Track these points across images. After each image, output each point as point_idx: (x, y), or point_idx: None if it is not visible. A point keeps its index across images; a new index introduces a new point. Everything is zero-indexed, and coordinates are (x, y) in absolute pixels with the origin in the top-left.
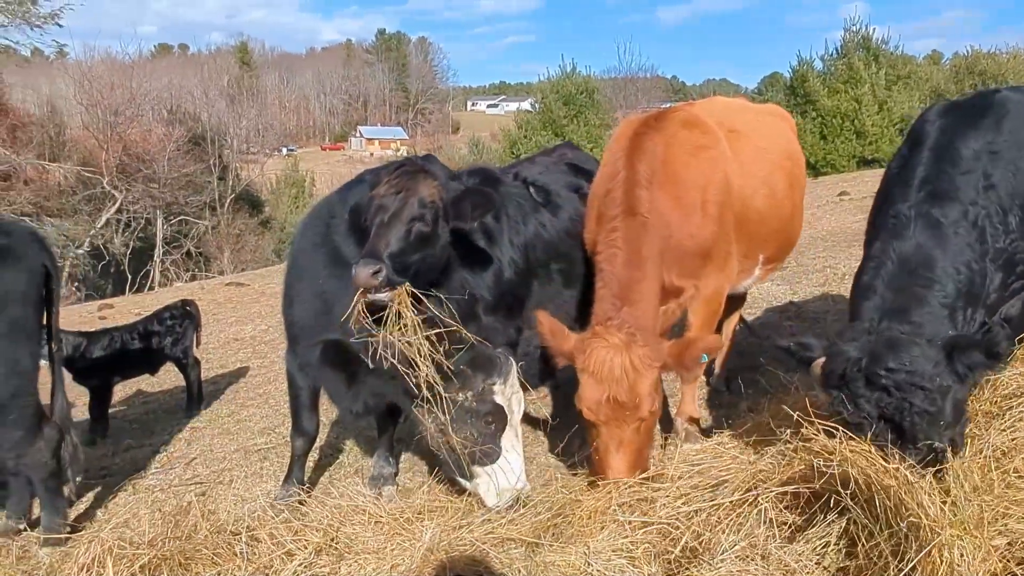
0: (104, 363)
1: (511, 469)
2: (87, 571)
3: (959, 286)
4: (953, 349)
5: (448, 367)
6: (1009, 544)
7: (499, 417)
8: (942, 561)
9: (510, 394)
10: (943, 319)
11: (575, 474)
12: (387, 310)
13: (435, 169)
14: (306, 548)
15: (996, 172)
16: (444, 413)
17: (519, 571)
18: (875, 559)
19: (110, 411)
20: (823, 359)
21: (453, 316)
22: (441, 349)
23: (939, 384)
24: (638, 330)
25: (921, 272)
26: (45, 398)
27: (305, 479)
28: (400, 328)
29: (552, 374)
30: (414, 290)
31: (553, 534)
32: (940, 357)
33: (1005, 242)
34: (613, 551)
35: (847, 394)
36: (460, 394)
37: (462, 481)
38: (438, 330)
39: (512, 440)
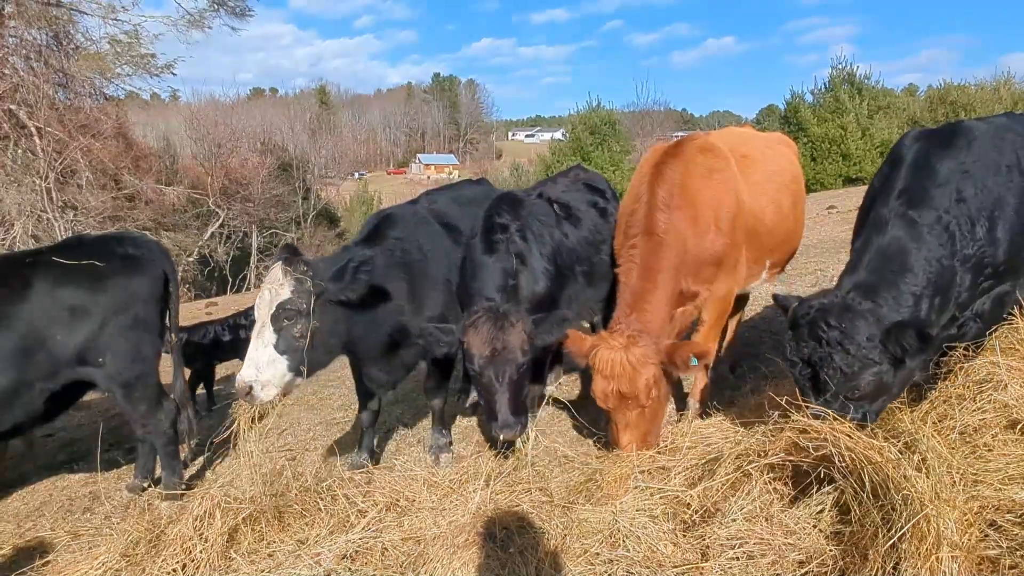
0: (203, 350)
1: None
2: (200, 521)
3: (929, 276)
4: (890, 331)
5: None
6: (981, 507)
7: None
8: (930, 531)
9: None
10: (907, 306)
11: (603, 445)
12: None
13: (512, 312)
14: (376, 506)
15: (967, 188)
16: None
17: (557, 526)
18: (867, 525)
19: (215, 389)
20: (795, 306)
21: None
22: None
23: (863, 355)
24: (642, 333)
25: (896, 259)
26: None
27: (375, 447)
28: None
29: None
30: None
31: (585, 496)
32: (877, 336)
33: (973, 248)
34: (637, 510)
35: (795, 336)
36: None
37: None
38: None
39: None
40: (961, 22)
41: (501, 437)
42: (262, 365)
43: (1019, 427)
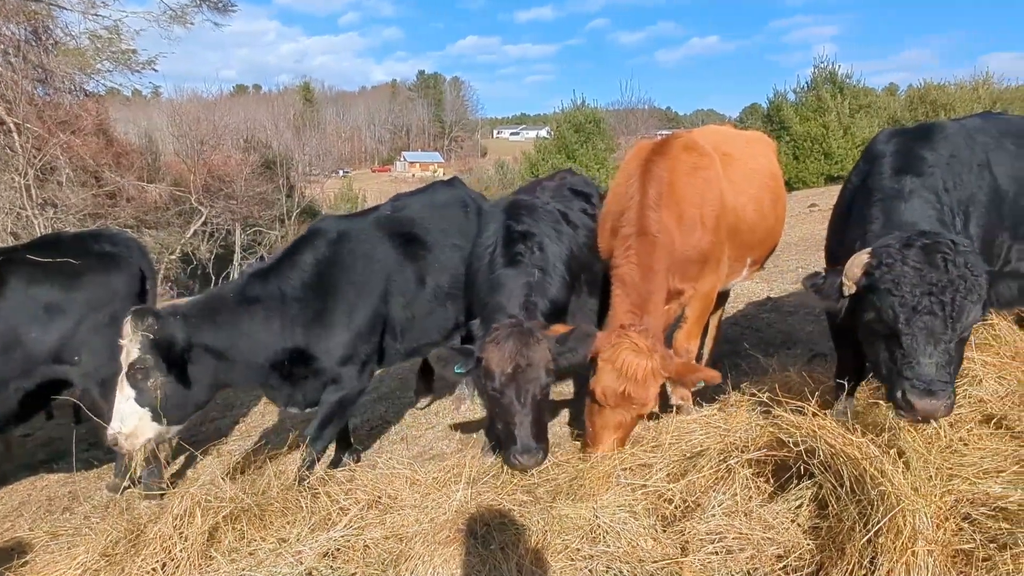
0: None
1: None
2: (180, 520)
3: None
4: (992, 275)
5: None
6: (956, 501)
7: None
8: (906, 525)
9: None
10: None
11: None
12: None
13: (536, 328)
14: (358, 504)
15: (948, 179)
16: None
17: (538, 522)
18: (844, 520)
19: None
20: (866, 251)
21: None
22: None
23: (984, 281)
24: (658, 340)
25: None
26: None
27: (357, 445)
28: None
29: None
30: None
31: (567, 494)
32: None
33: None
34: (618, 507)
35: (898, 263)
36: None
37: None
38: None
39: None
40: (943, 22)
41: (519, 463)
42: (125, 417)
43: (994, 422)
